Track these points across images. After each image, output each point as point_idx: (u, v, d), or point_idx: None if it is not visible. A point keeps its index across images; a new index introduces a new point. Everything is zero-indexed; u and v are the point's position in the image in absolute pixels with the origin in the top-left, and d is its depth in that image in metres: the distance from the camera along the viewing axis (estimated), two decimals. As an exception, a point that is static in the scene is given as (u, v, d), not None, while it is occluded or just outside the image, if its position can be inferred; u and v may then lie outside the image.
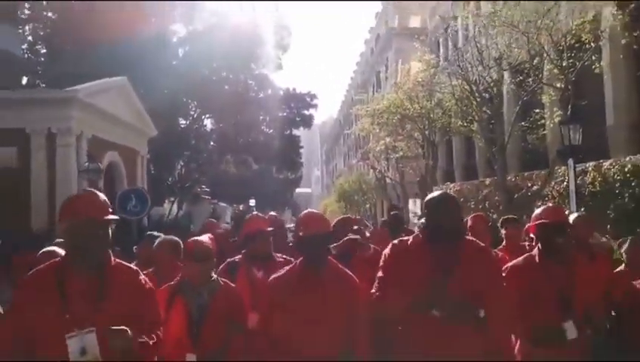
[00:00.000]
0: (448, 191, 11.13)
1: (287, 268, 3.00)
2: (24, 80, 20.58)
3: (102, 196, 2.41)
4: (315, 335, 2.67)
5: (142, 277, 2.46)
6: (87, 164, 10.22)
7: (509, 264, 3.05)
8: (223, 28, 25.55)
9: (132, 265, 2.55)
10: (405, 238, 2.94)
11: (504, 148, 11.58)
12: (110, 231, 2.35)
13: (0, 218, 9.10)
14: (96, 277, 2.27)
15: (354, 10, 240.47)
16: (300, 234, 2.88)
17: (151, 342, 2.34)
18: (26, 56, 22.03)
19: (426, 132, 16.72)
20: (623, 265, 3.80)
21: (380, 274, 2.84)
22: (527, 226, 3.18)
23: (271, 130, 31.54)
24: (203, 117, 28.70)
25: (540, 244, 2.98)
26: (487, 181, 15.69)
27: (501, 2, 10.29)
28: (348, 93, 51.45)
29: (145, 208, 8.47)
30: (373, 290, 2.81)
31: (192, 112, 27.78)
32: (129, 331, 2.18)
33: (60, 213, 2.32)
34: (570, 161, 8.18)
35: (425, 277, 2.61)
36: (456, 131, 15.95)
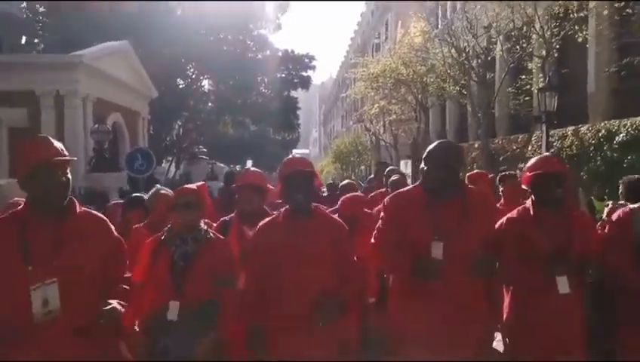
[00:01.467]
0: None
1: (271, 217, 2.88)
2: (23, 40, 20.78)
3: (53, 141, 2.26)
4: (305, 277, 2.57)
5: (109, 226, 2.36)
6: (96, 125, 10.82)
7: (505, 216, 2.95)
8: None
9: (99, 214, 2.42)
10: (404, 190, 2.91)
11: (488, 113, 12.15)
12: (68, 175, 2.21)
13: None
14: (57, 226, 2.15)
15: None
16: (282, 174, 2.76)
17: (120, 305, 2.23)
18: (25, 15, 22.10)
19: (419, 96, 17.20)
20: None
21: (379, 225, 2.81)
22: (521, 176, 3.06)
23: (269, 92, 31.70)
24: (201, 78, 28.87)
25: (533, 195, 2.85)
26: (477, 144, 16.35)
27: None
28: (347, 54, 51.14)
29: (151, 166, 9.16)
30: (372, 241, 2.80)
31: (190, 73, 27.97)
32: (117, 306, 2.16)
33: (16, 162, 2.26)
34: (544, 127, 8.77)
35: (421, 235, 2.57)
36: (447, 96, 16.44)
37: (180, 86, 27.12)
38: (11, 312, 2.09)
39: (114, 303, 2.18)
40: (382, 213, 2.83)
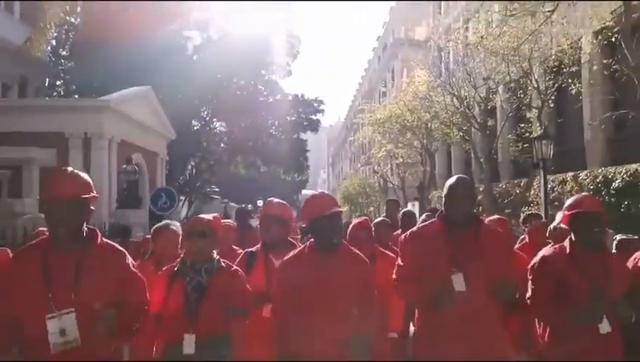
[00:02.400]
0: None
1: (296, 250, 2.94)
2: (46, 82, 21.97)
3: (79, 174, 2.31)
4: (327, 315, 2.60)
5: (129, 260, 2.37)
6: (124, 166, 11.61)
7: (540, 254, 2.93)
8: (236, 36, 26.94)
9: (119, 246, 2.44)
10: (422, 225, 3.00)
11: (490, 159, 12.74)
12: (90, 208, 2.27)
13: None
14: (78, 256, 2.19)
15: (364, 17, 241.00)
16: (311, 215, 2.79)
17: (136, 327, 2.31)
18: (48, 59, 23.41)
19: (424, 141, 17.89)
20: None
21: (399, 261, 2.85)
22: (561, 216, 3.04)
23: (279, 134, 32.71)
24: (214, 120, 30.01)
25: (573, 235, 2.83)
26: (481, 188, 16.90)
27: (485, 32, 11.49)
28: (355, 98, 52.55)
29: (174, 204, 9.87)
30: (393, 277, 2.83)
31: (204, 115, 29.13)
32: (112, 311, 2.16)
33: (40, 193, 2.52)
34: (541, 172, 9.32)
35: (445, 264, 2.61)
36: (451, 141, 17.11)
37: (195, 128, 28.19)
38: (33, 340, 2.12)
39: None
40: (400, 250, 2.91)
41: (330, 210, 2.75)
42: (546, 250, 2.98)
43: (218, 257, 2.82)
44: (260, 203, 33.69)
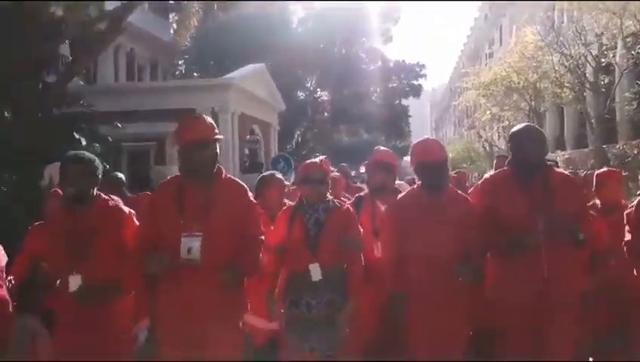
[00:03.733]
0: (557, 158, 12.04)
1: (405, 192, 3.13)
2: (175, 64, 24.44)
3: (208, 120, 2.62)
4: (435, 252, 2.74)
5: (249, 194, 2.67)
6: (248, 136, 13.32)
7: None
8: (337, 5, 27.60)
9: (241, 182, 2.72)
10: (494, 173, 3.13)
11: (602, 119, 12.20)
12: (217, 149, 2.58)
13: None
14: (207, 190, 2.52)
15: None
16: (418, 161, 2.94)
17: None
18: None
19: (532, 103, 17.26)
20: None
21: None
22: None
23: (381, 101, 33.06)
24: (318, 89, 31.24)
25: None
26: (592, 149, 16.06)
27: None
28: (460, 59, 50.61)
29: (290, 169, 11.25)
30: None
31: (309, 85, 30.47)
32: (237, 268, 2.49)
33: (173, 137, 2.89)
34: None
35: (517, 210, 2.68)
36: (563, 102, 16.38)
37: (300, 98, 29.66)
38: (168, 253, 2.48)
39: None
40: (473, 197, 3.06)
41: (435, 156, 2.90)
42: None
43: (332, 197, 3.04)
44: (362, 169, 34.56)
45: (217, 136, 2.59)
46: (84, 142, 6.54)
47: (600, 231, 3.19)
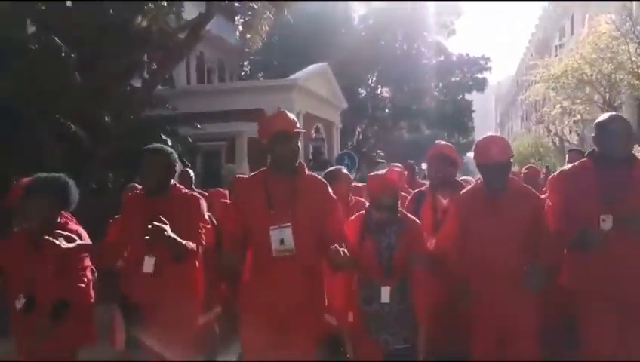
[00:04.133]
0: (636, 153, 11.42)
1: (469, 187, 3.09)
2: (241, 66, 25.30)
3: (290, 114, 2.70)
4: (499, 253, 2.68)
5: (329, 189, 2.74)
6: (313, 134, 13.77)
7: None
8: (399, 3, 27.43)
9: (322, 178, 2.83)
10: (572, 165, 2.96)
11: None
12: (299, 143, 2.67)
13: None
14: (292, 183, 2.60)
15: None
16: (479, 161, 2.87)
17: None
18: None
19: (606, 95, 16.45)
20: None
21: (548, 202, 2.90)
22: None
23: (443, 96, 32.49)
24: (379, 86, 31.18)
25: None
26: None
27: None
28: (527, 50, 48.57)
29: (354, 166, 11.56)
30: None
31: (370, 82, 30.49)
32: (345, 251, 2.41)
33: (259, 131, 2.67)
34: None
35: (588, 205, 2.61)
36: (639, 94, 15.49)
37: (361, 95, 29.77)
38: (257, 248, 2.59)
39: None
40: (550, 189, 3.01)
41: (497, 158, 2.79)
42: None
43: (402, 213, 2.95)
44: (424, 166, 34.11)
45: (298, 130, 2.68)
46: (169, 143, 7.04)
47: None
